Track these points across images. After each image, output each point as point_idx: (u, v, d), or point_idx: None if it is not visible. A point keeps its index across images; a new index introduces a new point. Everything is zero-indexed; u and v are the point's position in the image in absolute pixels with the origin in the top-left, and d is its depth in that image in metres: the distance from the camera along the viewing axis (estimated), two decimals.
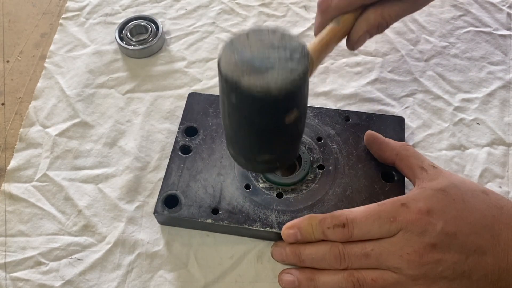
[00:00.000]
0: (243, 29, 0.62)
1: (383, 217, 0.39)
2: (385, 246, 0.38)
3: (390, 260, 0.38)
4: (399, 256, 0.38)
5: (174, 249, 0.46)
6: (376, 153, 0.47)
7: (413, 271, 0.37)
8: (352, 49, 0.47)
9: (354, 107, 0.54)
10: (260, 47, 0.34)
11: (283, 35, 0.35)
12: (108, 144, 0.53)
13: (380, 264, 0.38)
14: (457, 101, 0.55)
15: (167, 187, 0.46)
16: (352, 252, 0.39)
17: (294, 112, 0.36)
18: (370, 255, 0.39)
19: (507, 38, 0.60)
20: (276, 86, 0.32)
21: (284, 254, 0.43)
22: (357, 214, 0.40)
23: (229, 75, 0.33)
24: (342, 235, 0.39)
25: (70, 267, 0.45)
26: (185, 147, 0.49)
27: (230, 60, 0.34)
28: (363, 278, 0.39)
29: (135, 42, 0.59)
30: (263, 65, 0.33)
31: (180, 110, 0.54)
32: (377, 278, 0.38)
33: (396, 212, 0.39)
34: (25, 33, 0.63)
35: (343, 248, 0.39)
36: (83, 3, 0.65)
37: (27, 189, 0.50)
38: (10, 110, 0.56)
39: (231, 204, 0.45)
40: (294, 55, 0.34)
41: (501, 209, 0.39)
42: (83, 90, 0.57)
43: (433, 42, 0.60)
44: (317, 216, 0.41)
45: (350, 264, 0.39)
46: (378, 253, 0.38)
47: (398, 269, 0.38)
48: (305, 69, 0.34)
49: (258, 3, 0.65)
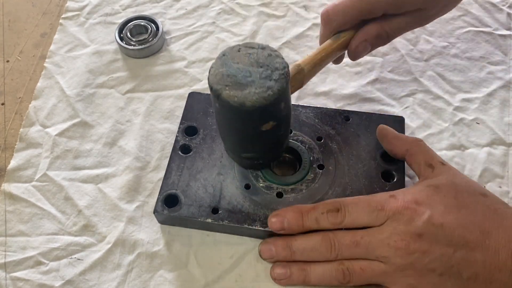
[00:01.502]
0: (243, 29, 0.62)
1: (372, 205, 0.40)
2: (373, 235, 0.39)
3: (378, 249, 0.39)
4: (386, 244, 0.38)
5: (174, 249, 0.46)
6: (387, 147, 0.47)
7: (400, 260, 0.38)
8: (353, 59, 0.48)
9: (354, 107, 0.54)
10: (246, 62, 0.39)
11: (270, 54, 0.39)
12: (108, 144, 0.53)
13: (369, 253, 0.39)
14: (457, 101, 0.55)
15: (167, 186, 0.46)
16: (342, 241, 0.40)
17: (270, 123, 0.39)
18: (360, 243, 0.40)
19: (507, 38, 0.60)
20: (251, 101, 0.37)
21: (273, 249, 0.43)
22: (349, 201, 0.42)
23: (214, 85, 0.38)
24: (334, 220, 0.41)
25: (70, 267, 0.45)
26: (185, 146, 0.49)
27: (218, 71, 0.38)
28: (352, 267, 0.40)
29: (135, 42, 0.59)
30: (244, 80, 0.37)
31: (180, 110, 0.54)
32: (365, 267, 0.40)
33: (384, 202, 0.40)
34: (25, 33, 0.63)
35: (334, 237, 0.41)
36: (83, 3, 0.65)
37: (27, 189, 0.50)
38: (10, 110, 0.56)
39: (231, 203, 0.45)
40: (274, 74, 0.38)
41: (495, 210, 0.39)
42: (83, 90, 0.57)
43: (433, 42, 0.60)
44: (307, 205, 0.42)
45: (340, 253, 0.40)
46: (367, 241, 0.39)
47: (386, 258, 0.39)
48: (281, 88, 0.37)
49: (258, 3, 0.65)
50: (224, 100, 0.37)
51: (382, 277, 0.39)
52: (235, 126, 0.41)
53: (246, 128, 0.40)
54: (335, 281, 0.41)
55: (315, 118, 0.51)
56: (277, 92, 0.37)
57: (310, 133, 0.49)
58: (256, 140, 0.42)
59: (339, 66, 0.58)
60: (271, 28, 0.62)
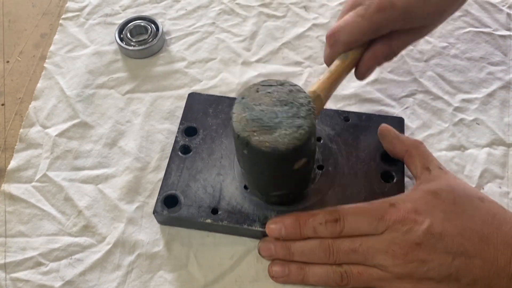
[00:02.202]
0: (243, 29, 0.62)
1: (372, 214, 0.40)
2: (372, 243, 0.39)
3: (376, 257, 0.39)
4: (385, 252, 0.38)
5: (174, 249, 0.46)
6: (387, 147, 0.47)
7: (398, 269, 0.38)
8: (361, 79, 0.48)
9: (354, 108, 0.54)
10: (269, 102, 0.37)
11: (291, 89, 0.38)
12: (108, 145, 0.53)
13: (367, 260, 0.39)
14: (457, 102, 0.55)
15: (166, 187, 0.46)
16: (341, 247, 0.40)
17: (302, 160, 0.38)
18: (358, 250, 0.39)
19: (507, 39, 0.60)
20: (284, 144, 0.35)
21: (272, 248, 0.43)
22: (348, 210, 0.41)
23: (240, 133, 0.36)
24: (333, 230, 0.40)
25: (70, 268, 0.45)
26: (185, 147, 0.49)
27: (241, 118, 0.37)
28: (350, 271, 0.40)
29: (135, 42, 0.59)
30: (271, 123, 0.36)
31: (180, 110, 0.54)
32: (363, 272, 0.40)
33: (384, 211, 0.40)
34: (25, 33, 0.64)
35: (333, 243, 0.40)
36: (83, 4, 0.65)
37: (27, 190, 0.50)
38: (10, 110, 0.56)
39: (231, 204, 0.45)
40: (301, 111, 0.37)
41: (493, 216, 0.39)
42: (83, 90, 0.57)
43: (433, 42, 0.60)
44: (305, 213, 0.42)
45: (338, 258, 0.40)
46: (365, 249, 0.39)
47: (384, 266, 0.39)
48: (311, 125, 0.36)
49: (258, 3, 0.65)
50: (254, 147, 0.36)
51: (379, 283, 0.40)
52: (266, 169, 0.39)
53: (278, 170, 0.39)
54: (333, 283, 0.41)
55: None
56: (308, 129, 0.36)
57: None
58: (287, 179, 0.41)
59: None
60: (271, 28, 0.62)
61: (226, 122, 0.50)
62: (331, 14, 0.63)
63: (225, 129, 0.50)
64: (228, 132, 0.50)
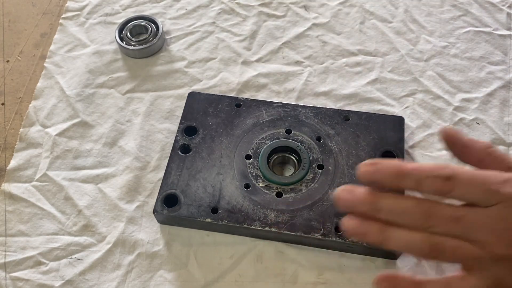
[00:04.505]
0: (243, 29, 0.62)
1: (489, 183, 0.34)
2: (479, 215, 0.34)
3: (480, 232, 0.33)
4: (491, 229, 0.33)
5: (174, 249, 0.46)
6: (456, 155, 0.40)
7: (500, 249, 0.33)
8: None
9: (354, 107, 0.54)
10: None
11: None
12: (108, 144, 0.53)
13: (467, 233, 0.34)
14: (457, 101, 0.55)
15: (166, 186, 0.46)
16: (442, 212, 0.34)
17: None
18: (461, 220, 0.33)
19: (507, 38, 0.60)
20: None
21: (356, 195, 0.35)
22: (463, 171, 0.34)
23: None
24: (441, 187, 0.34)
25: (70, 267, 0.45)
26: (185, 146, 0.49)
27: None
28: (443, 242, 0.34)
29: (135, 42, 0.59)
30: None
31: (180, 110, 0.54)
32: (457, 249, 0.34)
33: (501, 183, 0.33)
34: (25, 33, 0.64)
35: (433, 205, 0.34)
36: (83, 3, 0.65)
37: (27, 189, 0.50)
38: (10, 110, 0.56)
39: (231, 203, 0.45)
40: None
41: None
42: (83, 90, 0.57)
43: (433, 42, 0.60)
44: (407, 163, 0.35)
45: (434, 225, 0.34)
46: (469, 220, 0.34)
47: (484, 244, 0.34)
48: None
49: (258, 3, 0.65)
50: None
51: (471, 262, 0.34)
52: None
53: None
54: (419, 253, 0.35)
55: (314, 118, 0.51)
56: None
57: (309, 133, 0.49)
58: None
59: (339, 66, 0.58)
60: (271, 28, 0.62)
61: (226, 122, 0.50)
62: (331, 14, 0.63)
63: (225, 129, 0.50)
64: (228, 131, 0.50)
